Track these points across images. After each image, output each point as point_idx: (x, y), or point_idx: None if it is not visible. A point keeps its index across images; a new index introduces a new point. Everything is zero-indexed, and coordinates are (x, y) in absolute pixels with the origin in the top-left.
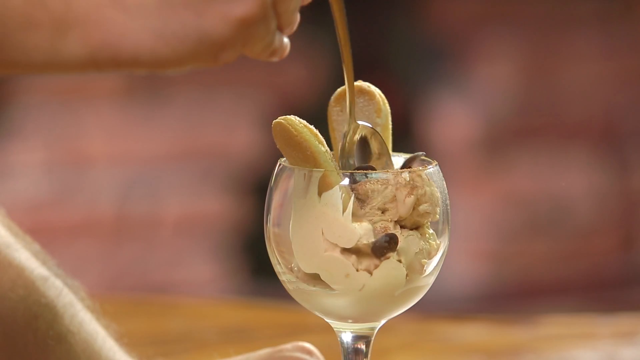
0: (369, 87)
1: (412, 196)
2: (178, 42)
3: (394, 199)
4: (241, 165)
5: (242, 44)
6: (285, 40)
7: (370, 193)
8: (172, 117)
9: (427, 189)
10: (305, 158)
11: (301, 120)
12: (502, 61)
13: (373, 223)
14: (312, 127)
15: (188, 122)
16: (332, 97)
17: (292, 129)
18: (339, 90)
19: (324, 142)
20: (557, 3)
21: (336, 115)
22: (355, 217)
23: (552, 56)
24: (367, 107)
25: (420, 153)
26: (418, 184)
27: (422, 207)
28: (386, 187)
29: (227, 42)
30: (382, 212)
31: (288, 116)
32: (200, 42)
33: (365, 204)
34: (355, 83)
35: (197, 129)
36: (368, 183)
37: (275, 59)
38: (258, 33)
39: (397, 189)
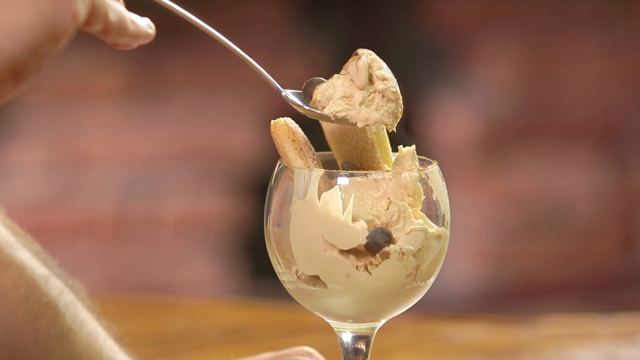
0: None
1: (360, 60)
2: (21, 24)
3: (350, 83)
4: (241, 165)
5: None
6: (142, 21)
7: (327, 92)
8: (172, 117)
9: (376, 56)
10: (282, 153)
11: (290, 121)
12: (502, 61)
13: (339, 112)
14: (296, 127)
15: (188, 122)
16: None
17: (272, 128)
18: None
19: (304, 143)
20: (557, 3)
21: (325, 125)
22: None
23: (552, 56)
24: None
25: (317, 79)
26: (359, 52)
27: (379, 73)
28: (338, 78)
29: None
30: (348, 99)
31: (280, 118)
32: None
33: (330, 102)
34: None
35: (197, 129)
36: (318, 87)
37: (133, 41)
38: None
39: (345, 68)
